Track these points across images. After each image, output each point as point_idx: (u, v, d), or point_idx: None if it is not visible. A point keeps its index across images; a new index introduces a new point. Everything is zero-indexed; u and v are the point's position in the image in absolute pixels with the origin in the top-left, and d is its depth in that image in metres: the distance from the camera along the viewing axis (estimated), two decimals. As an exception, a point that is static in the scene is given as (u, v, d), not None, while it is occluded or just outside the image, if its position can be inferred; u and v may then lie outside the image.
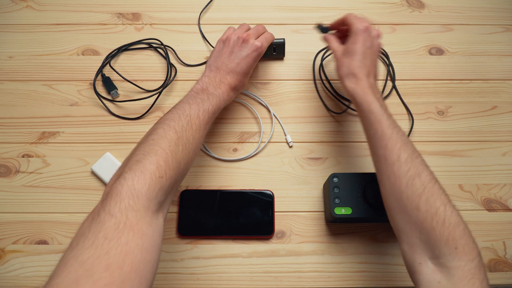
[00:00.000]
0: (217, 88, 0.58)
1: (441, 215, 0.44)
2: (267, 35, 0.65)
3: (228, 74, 0.60)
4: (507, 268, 0.62)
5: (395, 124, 0.52)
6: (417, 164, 0.48)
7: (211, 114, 0.55)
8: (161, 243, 0.43)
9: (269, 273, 0.61)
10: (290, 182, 0.67)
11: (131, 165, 0.44)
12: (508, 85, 0.75)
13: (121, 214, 0.40)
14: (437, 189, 0.47)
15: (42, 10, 0.79)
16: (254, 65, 0.62)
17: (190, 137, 0.51)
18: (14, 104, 0.71)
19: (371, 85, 0.55)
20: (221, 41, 0.64)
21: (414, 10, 0.81)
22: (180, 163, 0.48)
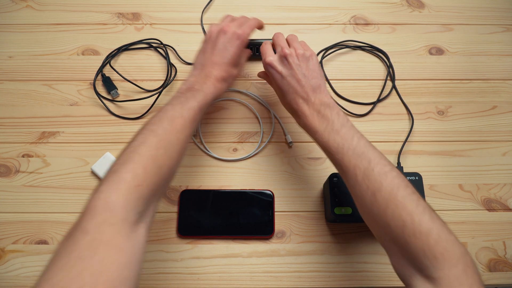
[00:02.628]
0: (202, 84, 0.56)
1: (410, 227, 0.42)
2: (250, 22, 0.62)
3: (213, 68, 0.57)
4: (507, 268, 0.62)
5: (343, 138, 0.50)
6: (375, 177, 0.46)
7: (197, 111, 0.53)
8: (143, 255, 0.42)
9: (269, 273, 0.61)
10: (290, 182, 0.67)
11: (107, 177, 0.43)
12: (508, 85, 0.75)
13: (96, 230, 0.38)
14: (400, 198, 0.44)
15: (42, 10, 0.79)
16: (239, 53, 0.60)
17: (173, 138, 0.49)
18: (14, 104, 0.71)
19: (308, 108, 0.53)
20: (204, 40, 0.62)
21: (414, 10, 0.81)
22: (162, 168, 0.46)
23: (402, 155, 0.68)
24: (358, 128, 0.71)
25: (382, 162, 0.47)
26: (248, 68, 0.75)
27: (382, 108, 0.73)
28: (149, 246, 0.62)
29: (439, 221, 0.43)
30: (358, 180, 0.47)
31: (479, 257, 0.62)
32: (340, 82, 0.75)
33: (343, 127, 0.50)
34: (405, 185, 0.45)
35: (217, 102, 0.72)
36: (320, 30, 0.79)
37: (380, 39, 0.78)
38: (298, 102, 0.54)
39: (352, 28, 0.79)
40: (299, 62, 0.55)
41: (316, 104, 0.53)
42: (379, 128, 0.71)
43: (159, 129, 0.48)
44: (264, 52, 0.58)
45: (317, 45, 0.77)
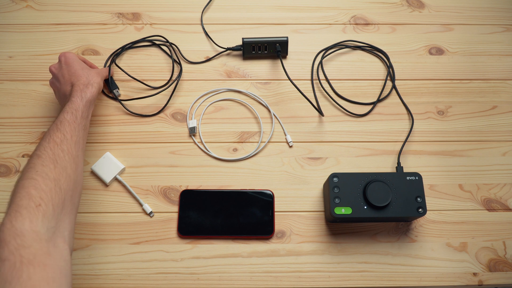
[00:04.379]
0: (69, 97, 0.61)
1: None
2: None
3: (67, 87, 0.63)
4: (507, 268, 0.62)
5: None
6: None
7: (70, 114, 0.56)
8: (70, 267, 0.43)
9: (269, 273, 0.61)
10: (290, 182, 0.67)
11: (7, 210, 0.44)
12: (508, 85, 0.75)
13: (14, 255, 0.39)
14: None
15: (42, 10, 0.79)
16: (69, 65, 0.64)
17: (58, 151, 0.51)
18: (14, 104, 0.71)
19: None
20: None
21: (414, 10, 0.81)
22: (59, 180, 0.48)
23: (402, 155, 0.68)
24: (358, 128, 0.71)
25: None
26: (247, 68, 0.76)
27: (382, 108, 0.73)
28: (149, 246, 0.62)
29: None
30: None
31: (479, 257, 0.62)
32: (340, 82, 0.75)
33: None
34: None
35: (217, 102, 0.73)
36: (320, 30, 0.79)
37: (380, 39, 0.78)
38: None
39: (352, 28, 0.79)
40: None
41: None
42: (379, 128, 0.71)
43: (39, 149, 0.51)
44: None
45: (317, 45, 0.77)
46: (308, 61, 0.76)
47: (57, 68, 0.65)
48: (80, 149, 0.55)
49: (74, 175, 0.52)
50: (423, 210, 0.58)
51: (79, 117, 0.57)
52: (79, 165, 0.54)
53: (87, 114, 0.60)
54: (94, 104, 0.62)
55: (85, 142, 0.58)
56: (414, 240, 0.63)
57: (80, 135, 0.56)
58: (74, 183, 0.51)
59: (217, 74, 0.75)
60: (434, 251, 0.62)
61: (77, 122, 0.56)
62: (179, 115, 0.71)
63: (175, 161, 0.68)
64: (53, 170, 0.49)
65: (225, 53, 0.77)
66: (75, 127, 0.56)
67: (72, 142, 0.54)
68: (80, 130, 0.57)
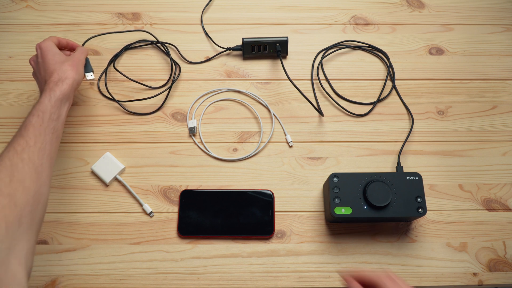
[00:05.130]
0: None
1: None
2: None
3: (43, 85, 0.59)
4: (507, 268, 0.62)
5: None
6: None
7: (35, 117, 0.52)
8: (26, 284, 0.42)
9: (269, 273, 0.61)
10: (290, 182, 0.67)
11: None
12: (508, 85, 0.75)
13: None
14: None
15: (42, 10, 0.79)
16: (44, 58, 0.61)
17: (17, 161, 0.48)
18: (14, 104, 0.71)
19: None
20: None
21: (414, 10, 0.81)
22: (14, 195, 0.45)
23: (402, 155, 0.68)
24: (358, 128, 0.71)
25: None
26: (247, 68, 0.75)
27: (382, 108, 0.73)
28: (149, 246, 0.62)
29: None
30: None
31: (479, 257, 0.62)
32: (340, 82, 0.75)
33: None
34: None
35: (217, 102, 0.73)
36: (320, 30, 0.79)
37: (380, 39, 0.78)
38: None
39: (352, 28, 0.79)
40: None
41: None
42: (379, 128, 0.71)
43: None
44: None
45: (317, 45, 0.77)
46: (308, 61, 0.76)
47: (35, 62, 0.62)
48: (46, 155, 0.51)
49: (35, 187, 0.47)
50: (423, 210, 0.58)
51: (46, 119, 0.53)
52: (43, 174, 0.50)
53: (58, 114, 0.55)
54: (69, 101, 0.58)
55: (56, 146, 0.54)
56: (414, 240, 0.63)
57: (47, 140, 0.52)
58: (34, 196, 0.47)
59: (217, 74, 0.75)
60: (434, 251, 0.62)
61: (44, 126, 0.52)
62: (179, 115, 0.71)
63: (175, 161, 0.68)
64: (8, 184, 0.45)
65: (225, 53, 0.77)
66: (40, 131, 0.51)
67: (35, 149, 0.50)
68: (47, 134, 0.52)
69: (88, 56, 0.68)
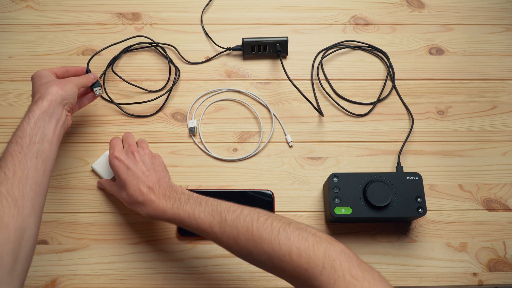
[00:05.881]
0: None
1: (274, 255, 0.43)
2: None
3: None
4: (507, 268, 0.62)
5: (194, 204, 0.50)
6: (230, 226, 0.47)
7: (13, 144, 0.50)
8: None
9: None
10: (290, 182, 0.67)
11: None
12: (508, 85, 0.75)
13: None
14: (256, 232, 0.45)
15: (42, 10, 0.79)
16: None
17: (14, 185, 0.46)
18: (14, 104, 0.71)
19: (155, 195, 0.53)
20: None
21: (414, 10, 0.81)
22: (2, 218, 0.43)
23: (402, 155, 0.68)
24: (358, 128, 0.71)
25: (232, 208, 0.49)
26: (247, 68, 0.76)
27: (382, 108, 0.73)
28: (149, 246, 0.62)
29: (296, 232, 0.44)
30: (218, 235, 0.48)
31: (479, 257, 0.62)
32: (340, 82, 0.75)
33: (190, 199, 0.51)
34: (257, 218, 0.47)
35: (217, 102, 0.73)
36: (320, 30, 0.79)
37: (380, 39, 0.78)
38: (144, 191, 0.53)
39: (352, 28, 0.79)
40: (146, 158, 0.58)
41: (161, 190, 0.54)
42: (379, 128, 0.71)
43: None
44: (113, 146, 0.59)
45: (317, 45, 0.77)
46: (308, 61, 0.76)
47: None
48: (30, 184, 0.47)
49: (15, 222, 0.44)
50: (423, 210, 0.58)
51: (25, 144, 0.49)
52: (26, 206, 0.46)
53: (42, 135, 0.51)
54: (55, 118, 0.53)
55: (44, 170, 0.50)
56: (414, 240, 0.63)
57: (30, 167, 0.48)
58: (16, 232, 0.44)
59: (217, 74, 0.75)
60: (434, 251, 0.62)
61: (24, 152, 0.48)
62: (179, 115, 0.71)
63: (175, 161, 0.68)
64: None
65: (225, 53, 0.77)
66: (20, 159, 0.48)
67: (15, 180, 0.46)
68: (29, 160, 0.48)
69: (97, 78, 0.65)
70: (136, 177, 0.55)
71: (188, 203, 0.51)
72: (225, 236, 0.47)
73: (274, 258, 0.43)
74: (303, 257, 0.42)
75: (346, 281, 0.39)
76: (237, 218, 0.47)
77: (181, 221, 0.50)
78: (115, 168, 0.56)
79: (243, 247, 0.46)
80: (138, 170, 0.55)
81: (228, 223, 0.47)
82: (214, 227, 0.48)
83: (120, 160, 0.57)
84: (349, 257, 0.41)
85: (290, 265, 0.42)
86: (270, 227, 0.45)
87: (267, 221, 0.46)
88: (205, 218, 0.49)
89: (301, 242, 0.43)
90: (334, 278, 0.40)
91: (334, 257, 0.41)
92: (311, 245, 0.43)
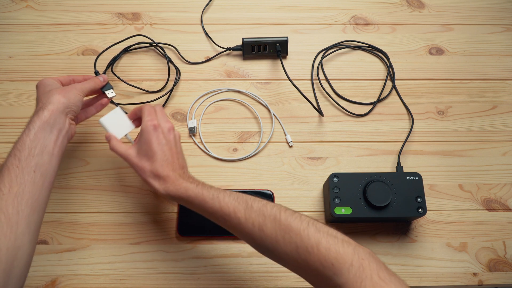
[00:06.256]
0: None
1: (301, 246, 0.43)
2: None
3: None
4: (507, 268, 0.62)
5: (217, 191, 0.50)
6: (256, 213, 0.47)
7: (11, 158, 0.48)
8: None
9: (269, 273, 0.61)
10: (290, 182, 0.67)
11: None
12: (508, 85, 0.75)
13: None
14: (284, 221, 0.45)
15: (42, 10, 0.79)
16: None
17: (0, 206, 0.44)
18: (14, 104, 0.71)
19: (179, 175, 0.53)
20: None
21: (414, 10, 0.81)
22: None
23: (402, 155, 0.68)
24: (358, 128, 0.71)
25: (258, 199, 0.49)
26: (247, 68, 0.76)
27: (382, 108, 0.73)
28: (149, 246, 0.62)
29: (325, 228, 0.44)
30: (241, 221, 0.47)
31: (479, 257, 0.62)
32: (340, 82, 0.75)
33: (213, 187, 0.51)
34: (285, 209, 0.47)
35: (217, 102, 0.73)
36: (320, 30, 0.79)
37: (380, 39, 0.78)
38: (169, 169, 0.53)
39: (352, 28, 0.79)
40: (178, 142, 0.57)
41: (185, 175, 0.53)
42: (379, 128, 0.71)
43: None
44: (151, 114, 0.55)
45: (317, 45, 0.77)
46: (308, 61, 0.76)
47: None
48: (26, 199, 0.46)
49: (7, 242, 0.43)
50: (423, 210, 0.58)
51: (24, 157, 0.47)
52: (20, 224, 0.44)
53: (42, 147, 0.49)
54: (57, 128, 0.52)
55: (43, 183, 0.49)
56: (414, 240, 0.63)
57: (27, 181, 0.47)
58: (8, 252, 0.42)
59: (217, 74, 0.75)
60: (434, 251, 0.62)
61: (21, 166, 0.47)
62: (179, 115, 0.71)
63: (175, 161, 0.68)
64: None
65: (225, 53, 0.77)
66: (17, 173, 0.46)
67: (10, 196, 0.45)
68: (27, 174, 0.47)
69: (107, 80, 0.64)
70: (167, 154, 0.53)
71: (212, 189, 0.51)
72: (249, 222, 0.46)
73: (300, 249, 0.43)
74: (332, 251, 0.41)
75: (373, 281, 0.39)
76: (263, 207, 0.47)
77: (203, 201, 0.50)
78: (151, 136, 0.53)
79: (268, 235, 0.45)
80: (171, 149, 0.54)
81: (254, 210, 0.47)
82: (238, 213, 0.47)
83: (159, 131, 0.54)
84: (377, 259, 0.42)
85: (317, 257, 0.42)
86: (299, 219, 0.45)
87: (294, 214, 0.46)
88: (230, 203, 0.48)
89: (330, 237, 0.43)
90: (362, 277, 0.39)
91: (363, 256, 0.41)
92: (340, 242, 0.42)
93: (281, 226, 0.45)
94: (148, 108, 0.57)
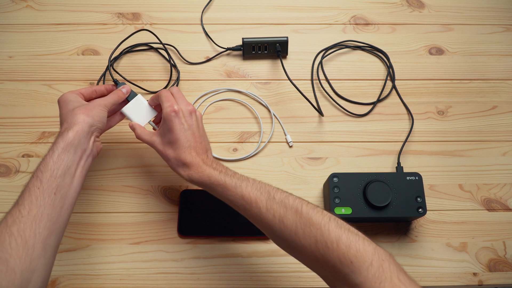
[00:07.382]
0: None
1: (321, 240, 0.42)
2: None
3: None
4: (507, 268, 0.62)
5: (240, 178, 0.50)
6: (278, 204, 0.47)
7: (34, 179, 0.48)
8: None
9: (269, 273, 0.61)
10: (290, 182, 0.67)
11: None
12: (508, 85, 0.75)
13: None
14: (305, 214, 0.45)
15: (42, 10, 0.79)
16: None
17: (4, 237, 0.44)
18: (14, 104, 0.71)
19: (203, 161, 0.53)
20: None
21: (414, 10, 0.81)
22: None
23: (402, 155, 0.68)
24: (358, 128, 0.71)
25: (280, 190, 0.49)
26: (247, 68, 0.76)
27: (382, 108, 0.73)
28: (149, 246, 0.62)
29: (346, 225, 0.44)
30: (262, 212, 0.47)
31: (479, 257, 0.62)
32: (340, 82, 0.75)
33: (236, 174, 0.52)
34: (307, 203, 0.47)
35: (217, 102, 0.73)
36: (320, 30, 0.79)
37: (380, 39, 0.78)
38: (193, 154, 0.53)
39: (352, 28, 0.79)
40: (200, 124, 0.57)
41: (209, 160, 0.54)
42: (379, 128, 0.71)
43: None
44: (169, 99, 0.55)
45: (317, 45, 0.77)
46: (308, 61, 0.76)
47: None
48: (44, 222, 0.45)
49: (22, 265, 0.42)
50: (423, 210, 0.58)
51: (46, 179, 0.47)
52: (36, 247, 0.44)
53: (64, 169, 0.49)
54: (81, 149, 0.51)
55: (62, 206, 0.48)
56: (414, 240, 0.63)
57: (47, 203, 0.46)
58: (22, 275, 0.42)
59: (217, 74, 0.75)
60: (434, 251, 0.62)
61: (42, 188, 0.46)
62: (179, 115, 0.71)
63: (175, 161, 0.68)
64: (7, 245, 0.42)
65: (225, 53, 0.77)
66: (37, 195, 0.46)
67: (28, 219, 0.44)
68: (47, 197, 0.46)
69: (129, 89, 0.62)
70: (190, 139, 0.53)
71: (235, 176, 0.51)
72: (270, 213, 0.46)
73: (320, 243, 0.42)
74: (352, 248, 0.41)
75: (393, 283, 0.38)
76: (285, 198, 0.47)
77: (225, 188, 0.50)
78: (173, 124, 0.53)
79: (288, 227, 0.45)
80: (194, 133, 0.54)
81: (276, 201, 0.47)
82: (260, 202, 0.47)
83: (180, 116, 0.54)
84: (397, 263, 0.41)
85: (336, 253, 0.41)
86: (320, 214, 0.45)
87: (316, 208, 0.46)
88: (252, 192, 0.48)
89: (351, 234, 0.42)
90: (381, 278, 0.39)
91: (384, 257, 0.41)
92: (361, 240, 0.42)
93: (302, 219, 0.44)
94: (165, 94, 0.56)
